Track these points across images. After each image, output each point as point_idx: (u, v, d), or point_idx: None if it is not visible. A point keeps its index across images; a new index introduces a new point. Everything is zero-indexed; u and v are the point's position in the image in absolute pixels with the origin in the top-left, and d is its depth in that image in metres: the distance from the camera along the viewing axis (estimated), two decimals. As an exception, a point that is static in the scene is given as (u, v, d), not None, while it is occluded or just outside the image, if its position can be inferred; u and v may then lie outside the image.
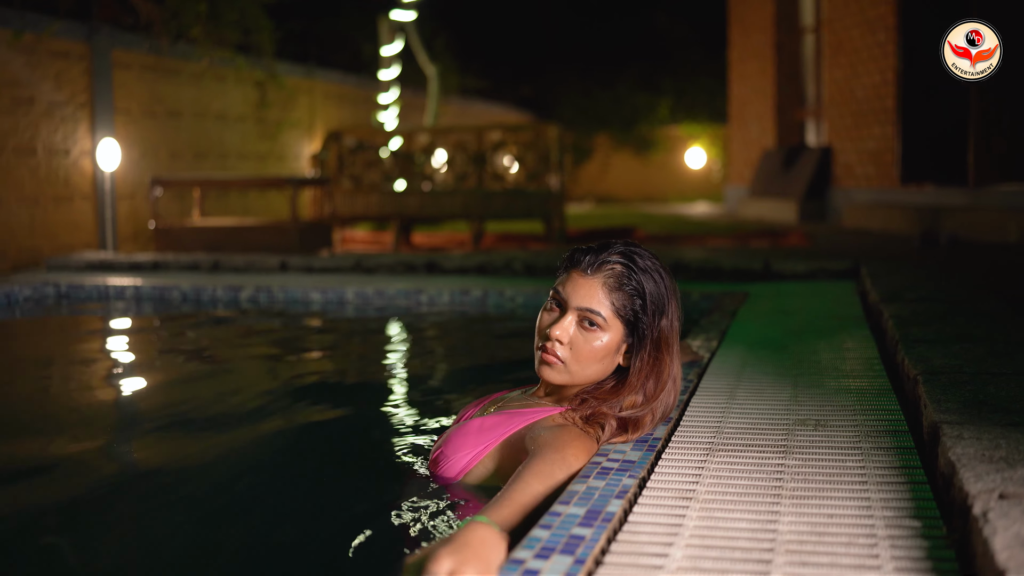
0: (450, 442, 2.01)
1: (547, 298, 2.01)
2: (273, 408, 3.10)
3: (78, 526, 1.99)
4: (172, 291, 5.60)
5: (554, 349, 1.92)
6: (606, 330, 1.92)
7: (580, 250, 1.97)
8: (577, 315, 1.92)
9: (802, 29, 13.68)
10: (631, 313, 1.92)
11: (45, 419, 3.00)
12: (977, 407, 1.95)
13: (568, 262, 1.98)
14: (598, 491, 1.67)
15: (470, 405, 2.20)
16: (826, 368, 2.76)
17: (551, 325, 1.93)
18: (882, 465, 1.80)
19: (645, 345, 1.94)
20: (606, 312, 1.91)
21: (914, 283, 4.33)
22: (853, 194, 11.12)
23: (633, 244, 1.99)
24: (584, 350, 1.92)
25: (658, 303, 1.93)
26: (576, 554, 1.41)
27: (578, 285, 1.92)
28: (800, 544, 1.43)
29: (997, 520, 1.29)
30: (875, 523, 1.50)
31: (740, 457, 1.88)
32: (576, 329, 1.92)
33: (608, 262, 1.92)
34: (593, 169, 23.55)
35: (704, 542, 1.45)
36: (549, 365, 1.94)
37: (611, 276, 1.92)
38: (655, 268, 1.96)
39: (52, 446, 2.64)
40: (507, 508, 1.64)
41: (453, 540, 1.34)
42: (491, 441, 1.96)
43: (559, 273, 2.01)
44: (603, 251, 1.94)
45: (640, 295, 1.92)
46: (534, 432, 1.91)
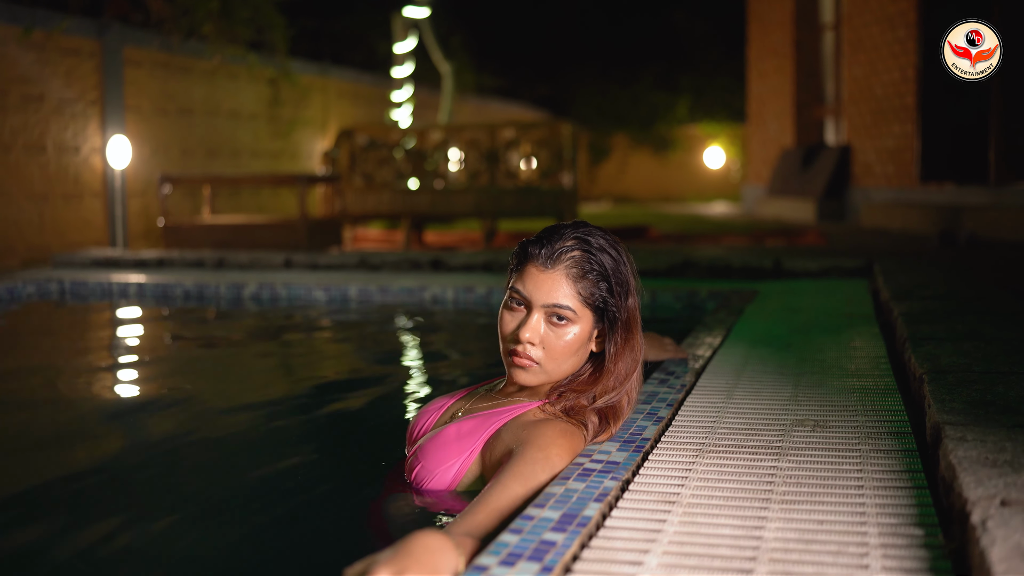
0: (428, 454, 1.89)
1: (505, 297, 1.90)
2: (272, 406, 3.04)
3: (79, 523, 1.95)
4: (175, 288, 5.54)
5: (527, 352, 1.83)
6: (576, 322, 1.83)
7: (531, 242, 1.87)
8: (544, 312, 1.83)
9: (821, 26, 13.52)
10: (599, 299, 1.83)
11: (43, 414, 2.96)
12: (984, 407, 1.84)
13: (521, 257, 1.87)
14: (576, 494, 1.58)
15: (431, 406, 2.08)
16: (830, 367, 2.65)
17: (519, 327, 1.84)
18: (881, 469, 1.70)
19: (617, 328, 1.86)
20: (574, 304, 1.82)
21: (928, 281, 4.20)
22: (872, 193, 10.95)
23: (583, 224, 1.89)
24: (557, 347, 1.83)
25: (622, 282, 1.85)
26: (544, 561, 1.31)
27: (539, 281, 1.82)
28: (785, 552, 1.33)
29: (996, 529, 1.19)
30: (868, 531, 1.40)
31: (731, 459, 1.78)
32: (545, 326, 1.83)
33: (565, 250, 1.82)
34: (611, 169, 23.42)
35: (683, 549, 1.35)
36: (524, 369, 1.85)
37: (572, 265, 1.82)
38: (610, 244, 1.87)
39: (51, 442, 2.59)
40: (482, 514, 1.55)
41: (394, 548, 1.25)
42: (474, 447, 1.86)
43: (511, 270, 1.90)
44: (555, 239, 1.84)
45: (604, 278, 1.83)
46: (514, 429, 1.82)
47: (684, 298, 4.71)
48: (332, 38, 12.53)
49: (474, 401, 1.99)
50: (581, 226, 1.87)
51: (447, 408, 2.03)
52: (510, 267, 1.92)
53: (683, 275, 5.44)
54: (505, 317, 1.87)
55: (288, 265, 6.25)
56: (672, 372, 2.56)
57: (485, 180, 9.42)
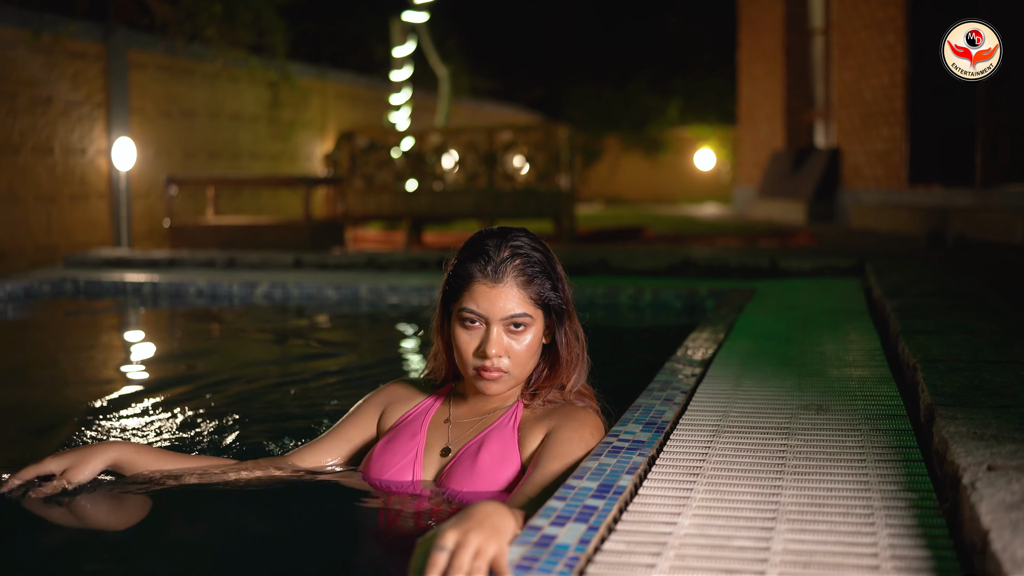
0: (470, 483, 1.93)
1: (452, 322, 1.94)
2: (286, 401, 3.20)
3: (78, 520, 1.99)
4: (188, 287, 5.71)
5: (496, 365, 1.90)
6: (533, 324, 1.92)
7: (468, 262, 1.92)
8: (503, 324, 1.90)
9: (811, 31, 13.75)
10: (546, 297, 1.93)
11: (57, 410, 3.05)
12: (972, 391, 2.04)
13: (462, 278, 1.92)
14: (610, 467, 1.76)
15: (399, 430, 2.05)
16: (829, 358, 2.84)
17: (482, 344, 1.90)
18: (880, 445, 1.89)
19: (563, 317, 1.98)
20: (529, 309, 1.91)
21: (918, 279, 4.41)
22: (861, 195, 11.18)
23: (505, 230, 1.96)
24: (521, 352, 1.92)
25: (557, 274, 1.96)
26: (590, 521, 1.50)
27: (492, 297, 1.88)
28: (800, 513, 1.51)
29: (984, 488, 1.38)
30: (872, 495, 1.59)
31: (745, 438, 1.97)
32: (506, 337, 1.91)
33: (506, 261, 1.90)
34: (603, 170, 23.65)
35: (710, 511, 1.54)
36: (495, 381, 1.92)
37: (517, 274, 1.89)
38: (534, 240, 1.96)
39: (57, 437, 2.68)
40: (529, 487, 1.77)
41: (458, 515, 1.42)
42: (511, 468, 1.95)
43: (452, 292, 1.94)
44: (492, 252, 1.90)
45: (545, 275, 1.93)
46: (534, 424, 1.97)
47: (685, 296, 4.91)
48: (331, 41, 12.69)
49: (454, 424, 2.03)
50: (506, 233, 1.95)
51: (421, 426, 2.05)
52: (444, 286, 1.96)
53: (683, 274, 5.64)
54: (463, 337, 1.91)
55: (298, 265, 6.43)
56: (681, 364, 2.75)
57: (483, 182, 9.61)
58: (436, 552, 1.31)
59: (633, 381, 2.76)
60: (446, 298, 1.98)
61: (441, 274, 2.03)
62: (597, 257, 6.00)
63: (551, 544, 1.41)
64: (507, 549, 1.36)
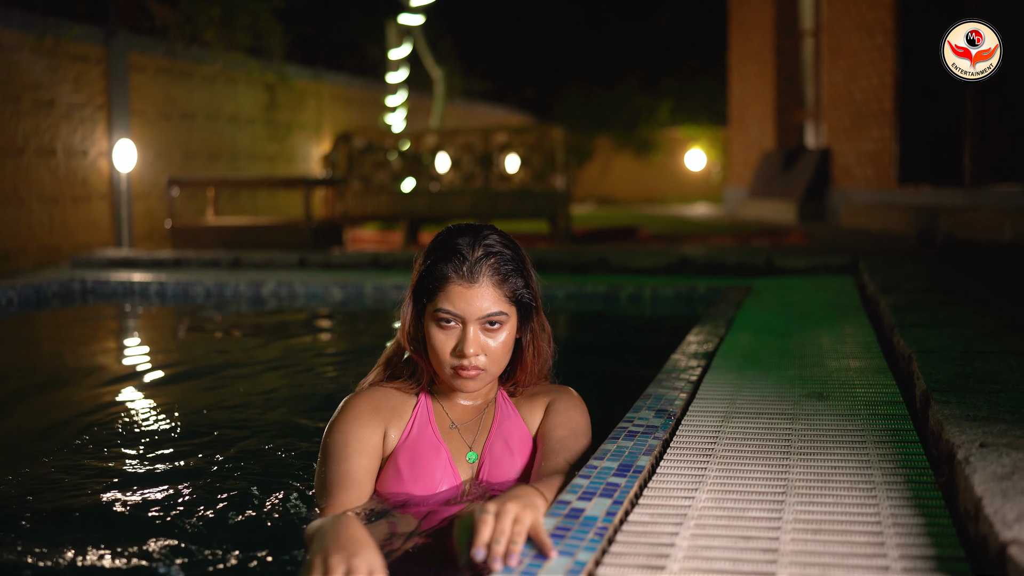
0: (504, 475, 1.99)
1: (427, 322, 1.94)
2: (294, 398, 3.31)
3: (80, 518, 2.07)
4: (195, 287, 5.81)
5: (474, 363, 1.92)
6: (507, 322, 1.95)
7: (442, 262, 1.91)
8: (479, 323, 1.91)
9: (801, 32, 13.91)
10: (519, 294, 1.96)
11: (67, 409, 3.15)
12: (964, 379, 2.17)
13: (437, 279, 1.90)
14: (628, 449, 1.89)
15: (415, 444, 1.98)
16: (827, 350, 2.98)
17: (459, 344, 1.92)
18: (879, 428, 2.02)
19: (533, 313, 2.02)
20: (504, 307, 1.93)
21: (910, 276, 4.55)
22: (851, 195, 11.34)
23: (474, 227, 1.96)
24: (498, 349, 1.95)
25: (527, 270, 1.99)
26: (614, 496, 1.63)
27: (468, 297, 1.89)
28: (808, 487, 1.64)
29: (977, 462, 1.51)
30: (873, 471, 1.72)
31: (752, 423, 2.10)
32: (482, 335, 1.94)
33: (480, 260, 1.91)
34: (594, 171, 23.81)
35: (725, 487, 1.67)
36: (473, 379, 1.94)
37: (492, 273, 1.90)
38: (503, 237, 1.98)
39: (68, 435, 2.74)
40: (556, 458, 1.89)
41: (497, 496, 1.57)
42: (529, 447, 2.03)
43: (426, 293, 1.92)
44: (466, 252, 1.90)
45: (517, 272, 1.95)
46: (531, 401, 2.08)
47: (683, 293, 5.05)
48: (327, 43, 12.80)
49: (465, 428, 2.06)
50: (477, 231, 1.95)
51: (447, 449, 2.01)
52: (413, 285, 1.96)
53: (681, 272, 5.78)
54: (439, 337, 1.91)
55: (302, 264, 6.54)
56: (686, 356, 2.88)
57: (479, 183, 9.73)
58: (483, 515, 1.44)
59: (639, 373, 2.90)
60: (417, 298, 1.96)
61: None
62: (597, 256, 6.14)
63: (580, 516, 1.54)
64: (543, 520, 1.49)
